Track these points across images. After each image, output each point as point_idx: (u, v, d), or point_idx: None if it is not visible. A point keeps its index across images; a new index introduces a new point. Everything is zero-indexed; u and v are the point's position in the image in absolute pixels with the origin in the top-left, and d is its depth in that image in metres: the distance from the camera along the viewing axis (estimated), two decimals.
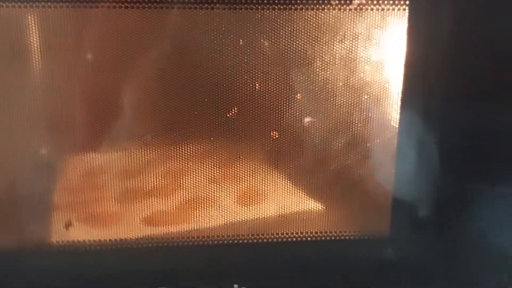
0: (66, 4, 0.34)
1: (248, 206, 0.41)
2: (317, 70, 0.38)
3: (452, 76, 0.38)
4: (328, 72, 0.38)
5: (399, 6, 0.37)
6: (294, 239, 0.41)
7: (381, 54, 0.38)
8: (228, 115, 0.38)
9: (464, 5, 0.37)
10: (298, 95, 0.38)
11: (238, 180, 0.40)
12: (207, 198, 0.40)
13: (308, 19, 0.36)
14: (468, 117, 0.38)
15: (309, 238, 0.41)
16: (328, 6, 0.36)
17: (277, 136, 0.39)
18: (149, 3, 0.35)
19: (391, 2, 0.36)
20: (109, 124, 0.37)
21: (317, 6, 0.36)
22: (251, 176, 0.40)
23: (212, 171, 0.40)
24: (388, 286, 0.41)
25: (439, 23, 0.37)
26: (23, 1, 0.34)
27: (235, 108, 0.38)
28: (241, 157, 0.39)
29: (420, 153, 0.39)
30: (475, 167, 0.39)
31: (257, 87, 0.38)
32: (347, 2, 0.36)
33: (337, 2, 0.36)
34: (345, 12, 0.36)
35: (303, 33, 0.37)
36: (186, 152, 0.38)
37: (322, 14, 0.36)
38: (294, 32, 0.37)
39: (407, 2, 0.37)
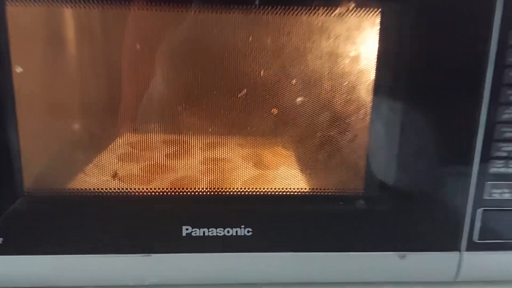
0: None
1: (253, 166, 0.49)
2: (308, 61, 0.46)
3: (413, 67, 0.43)
4: (316, 63, 0.46)
5: (372, 12, 0.43)
6: (288, 193, 0.48)
7: (357, 50, 0.46)
8: (239, 95, 0.47)
9: (425, 11, 0.42)
10: (294, 80, 0.47)
11: (246, 146, 0.49)
12: (222, 159, 0.48)
13: (302, 22, 0.44)
14: (424, 96, 0.44)
15: (297, 193, 0.48)
16: (317, 13, 0.43)
17: (276, 112, 0.47)
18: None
19: (366, 9, 0.43)
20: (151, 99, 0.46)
21: (309, 12, 0.43)
22: (255, 143, 0.49)
23: (226, 139, 0.49)
24: (361, 232, 0.48)
25: (405, 25, 0.43)
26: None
27: (245, 90, 0.46)
28: (248, 128, 0.48)
29: (388, 126, 0.45)
30: (435, 143, 0.45)
31: (262, 74, 0.46)
32: (332, 10, 0.43)
33: (323, 10, 0.43)
34: (330, 17, 0.43)
35: (297, 33, 0.45)
36: (206, 124, 0.47)
37: (313, 19, 0.44)
38: (291, 32, 0.45)
39: (380, 10, 0.43)
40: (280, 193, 0.48)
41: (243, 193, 0.48)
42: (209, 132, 0.48)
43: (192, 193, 0.48)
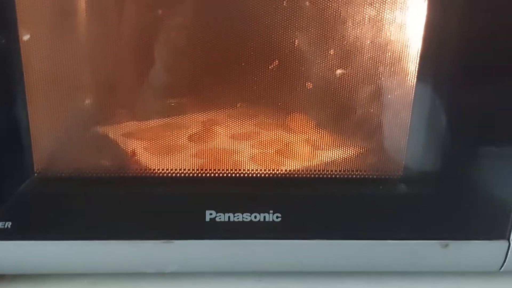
0: None
1: (283, 146, 0.46)
2: (349, 29, 0.42)
3: (465, 39, 0.40)
4: (358, 31, 0.42)
5: None
6: (321, 175, 0.45)
7: (404, 17, 0.42)
8: (270, 67, 0.43)
9: None
10: (332, 50, 0.43)
11: (276, 123, 0.45)
12: (249, 138, 0.45)
13: None
14: (475, 72, 0.41)
15: (332, 176, 0.45)
16: None
17: (311, 87, 0.44)
18: None
19: None
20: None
21: None
22: (286, 120, 0.45)
23: (255, 116, 0.45)
24: (400, 218, 0.45)
25: None
26: None
27: (276, 61, 0.43)
28: (279, 104, 0.45)
29: (432, 104, 0.42)
30: (482, 124, 0.42)
31: (296, 43, 0.42)
32: None
33: None
34: None
35: None
36: (233, 99, 0.44)
37: None
38: None
39: None
40: (313, 175, 0.46)
41: (272, 175, 0.45)
42: (235, 108, 0.45)
43: (217, 174, 0.45)
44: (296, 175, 0.45)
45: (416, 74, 0.42)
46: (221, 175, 0.45)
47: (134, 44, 0.44)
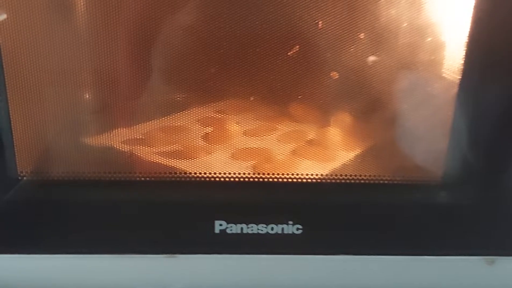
0: None
1: (305, 146, 0.43)
2: (382, 8, 0.38)
3: None
4: (393, 12, 0.38)
5: None
6: (348, 181, 0.41)
7: None
8: (289, 53, 0.39)
9: None
10: (362, 34, 0.39)
11: (297, 120, 0.42)
12: (266, 137, 0.42)
13: None
14: None
15: (360, 181, 0.41)
16: None
17: (337, 77, 0.40)
18: None
19: None
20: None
21: None
22: (309, 117, 0.41)
23: (271, 111, 0.42)
24: (439, 231, 0.42)
25: None
26: None
27: (297, 47, 0.39)
28: (299, 97, 0.41)
29: (479, 99, 0.39)
30: None
31: (320, 25, 0.38)
32: None
33: None
34: None
35: None
36: (246, 91, 0.40)
37: None
38: None
39: None
40: (339, 180, 0.42)
41: (291, 179, 0.42)
42: (249, 102, 0.42)
43: (228, 179, 0.42)
44: (319, 180, 0.42)
45: (462, 64, 0.38)
46: (232, 179, 0.42)
47: (137, 30, 0.41)
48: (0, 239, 0.41)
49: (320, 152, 0.43)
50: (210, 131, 0.43)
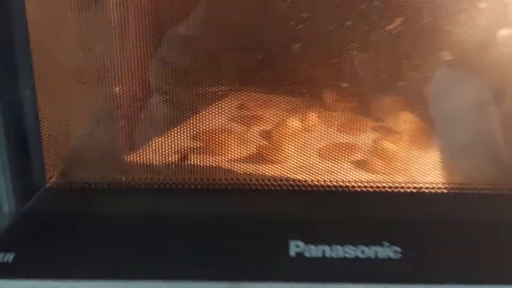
0: None
1: (402, 147, 0.37)
2: None
3: None
4: None
5: None
6: (462, 191, 0.36)
7: None
8: (387, 27, 0.33)
9: None
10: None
11: (391, 117, 0.37)
12: (350, 136, 0.37)
13: None
14: None
15: (477, 193, 0.36)
16: None
17: (451, 58, 0.34)
18: None
19: None
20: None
21: None
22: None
23: (352, 105, 0.37)
24: None
25: None
26: None
27: (400, 18, 0.33)
28: (400, 83, 0.35)
29: None
30: None
31: None
32: None
33: None
34: None
35: None
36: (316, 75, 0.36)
37: None
38: None
39: None
40: (446, 190, 0.36)
41: (386, 189, 0.37)
42: (320, 93, 0.37)
43: (304, 188, 0.37)
44: (423, 190, 0.36)
45: None
46: (310, 189, 0.37)
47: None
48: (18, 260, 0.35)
49: (422, 155, 0.37)
50: (276, 128, 0.38)
